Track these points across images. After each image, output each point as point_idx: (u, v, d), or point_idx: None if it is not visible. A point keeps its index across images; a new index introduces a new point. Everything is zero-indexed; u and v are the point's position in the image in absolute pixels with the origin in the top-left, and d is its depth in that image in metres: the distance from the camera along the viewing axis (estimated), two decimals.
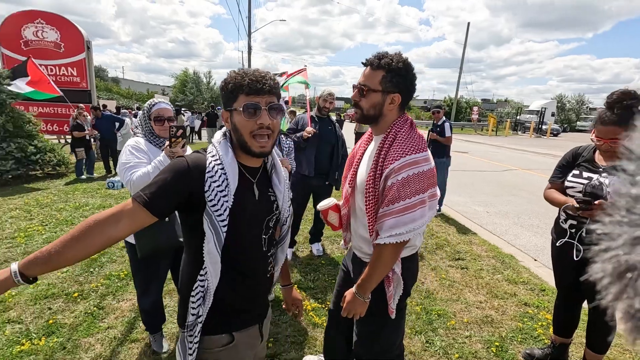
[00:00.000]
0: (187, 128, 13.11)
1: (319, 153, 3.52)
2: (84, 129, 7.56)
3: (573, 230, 1.99)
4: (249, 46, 24.31)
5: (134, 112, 14.76)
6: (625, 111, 1.71)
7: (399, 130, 1.38)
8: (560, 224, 2.08)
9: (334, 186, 3.71)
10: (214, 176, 1.01)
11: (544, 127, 28.93)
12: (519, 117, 32.94)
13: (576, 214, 1.89)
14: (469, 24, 31.95)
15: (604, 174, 1.86)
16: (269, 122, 1.03)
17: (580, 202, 1.79)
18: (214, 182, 1.00)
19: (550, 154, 14.72)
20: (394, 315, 1.49)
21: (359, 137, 6.47)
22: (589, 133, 2.00)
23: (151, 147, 2.04)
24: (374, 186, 1.37)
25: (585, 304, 2.18)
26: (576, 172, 1.99)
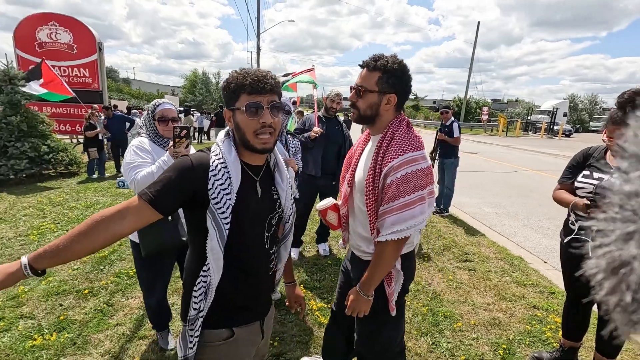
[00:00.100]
0: (191, 128, 13.25)
1: (325, 153, 3.53)
2: (97, 128, 7.71)
3: (583, 232, 1.96)
4: (258, 47, 24.49)
5: (144, 113, 14.90)
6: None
7: (397, 129, 1.40)
8: (569, 225, 2.05)
9: None
10: (217, 175, 1.02)
11: (555, 127, 28.48)
12: (530, 118, 32.45)
13: (586, 212, 1.87)
14: (479, 23, 31.74)
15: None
16: (271, 120, 1.06)
17: (591, 201, 1.77)
18: (217, 181, 1.02)
19: (561, 155, 14.47)
20: (394, 313, 1.51)
21: None
22: (602, 134, 1.97)
23: (155, 147, 2.06)
24: (373, 185, 1.39)
25: (595, 307, 2.14)
26: (587, 172, 1.96)
